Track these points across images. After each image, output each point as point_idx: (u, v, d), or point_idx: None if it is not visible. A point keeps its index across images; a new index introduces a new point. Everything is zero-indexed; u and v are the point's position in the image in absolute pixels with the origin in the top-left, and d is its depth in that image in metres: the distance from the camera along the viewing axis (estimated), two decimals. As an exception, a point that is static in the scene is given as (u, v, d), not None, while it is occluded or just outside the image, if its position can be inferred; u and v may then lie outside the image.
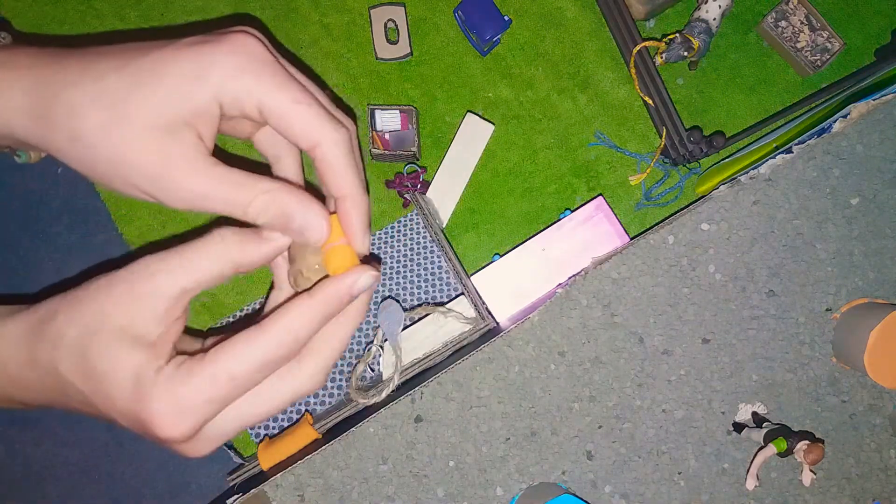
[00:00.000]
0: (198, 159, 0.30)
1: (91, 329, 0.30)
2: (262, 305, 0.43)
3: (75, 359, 0.30)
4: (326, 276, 0.32)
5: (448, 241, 0.67)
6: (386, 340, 0.62)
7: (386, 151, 0.68)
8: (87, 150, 0.30)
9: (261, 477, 0.56)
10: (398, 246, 0.68)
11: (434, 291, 0.65)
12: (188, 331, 0.37)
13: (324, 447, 0.54)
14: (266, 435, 0.64)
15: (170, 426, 0.29)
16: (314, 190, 0.35)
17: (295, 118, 0.31)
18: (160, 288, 0.30)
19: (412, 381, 0.59)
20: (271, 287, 0.39)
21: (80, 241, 0.70)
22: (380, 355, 0.63)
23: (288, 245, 0.32)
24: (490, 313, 0.62)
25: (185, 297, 0.30)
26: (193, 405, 0.29)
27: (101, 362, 0.29)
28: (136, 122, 0.29)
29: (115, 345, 0.29)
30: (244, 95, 0.30)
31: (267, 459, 0.57)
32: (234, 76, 0.30)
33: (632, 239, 0.62)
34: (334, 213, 0.32)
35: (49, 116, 0.30)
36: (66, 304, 0.31)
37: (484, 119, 0.70)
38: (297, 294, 0.32)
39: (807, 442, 0.53)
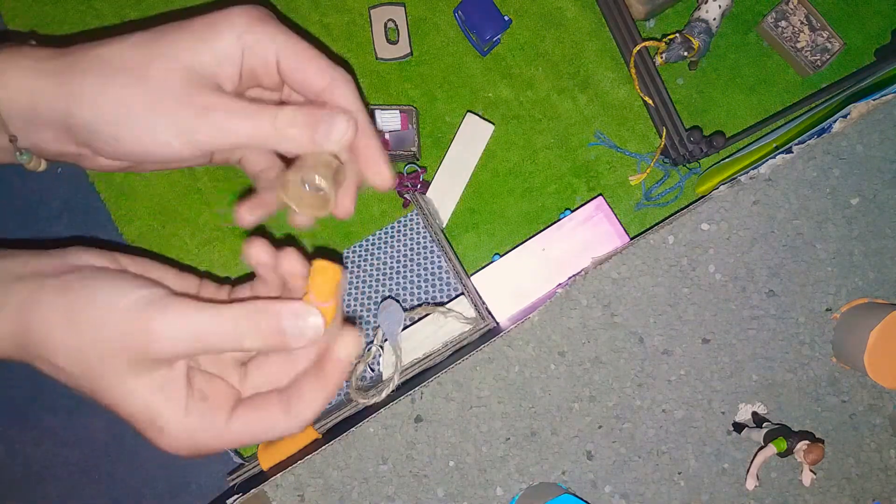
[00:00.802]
0: (221, 93, 0.34)
1: (92, 352, 0.29)
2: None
3: (80, 380, 0.30)
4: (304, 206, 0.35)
5: (448, 241, 0.67)
6: (386, 340, 0.62)
7: (386, 151, 0.68)
8: (121, 92, 0.32)
9: (261, 477, 0.56)
10: (398, 246, 0.68)
11: (434, 291, 0.65)
12: (213, 278, 0.42)
13: (324, 447, 0.54)
14: (266, 435, 0.64)
15: (180, 454, 0.32)
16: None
17: (311, 61, 0.36)
18: (170, 343, 0.30)
19: (412, 381, 0.59)
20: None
21: (80, 242, 0.70)
22: (380, 355, 0.63)
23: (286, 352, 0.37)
24: (490, 313, 0.62)
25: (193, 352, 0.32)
26: (207, 450, 0.32)
27: (110, 392, 0.30)
28: (164, 57, 0.32)
29: (124, 373, 0.29)
30: (265, 42, 0.34)
31: (267, 459, 0.57)
32: (252, 28, 0.34)
33: (632, 239, 0.61)
34: (315, 264, 0.34)
35: (75, 76, 0.33)
36: (54, 305, 0.30)
37: (484, 119, 0.70)
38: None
39: (807, 442, 0.53)
